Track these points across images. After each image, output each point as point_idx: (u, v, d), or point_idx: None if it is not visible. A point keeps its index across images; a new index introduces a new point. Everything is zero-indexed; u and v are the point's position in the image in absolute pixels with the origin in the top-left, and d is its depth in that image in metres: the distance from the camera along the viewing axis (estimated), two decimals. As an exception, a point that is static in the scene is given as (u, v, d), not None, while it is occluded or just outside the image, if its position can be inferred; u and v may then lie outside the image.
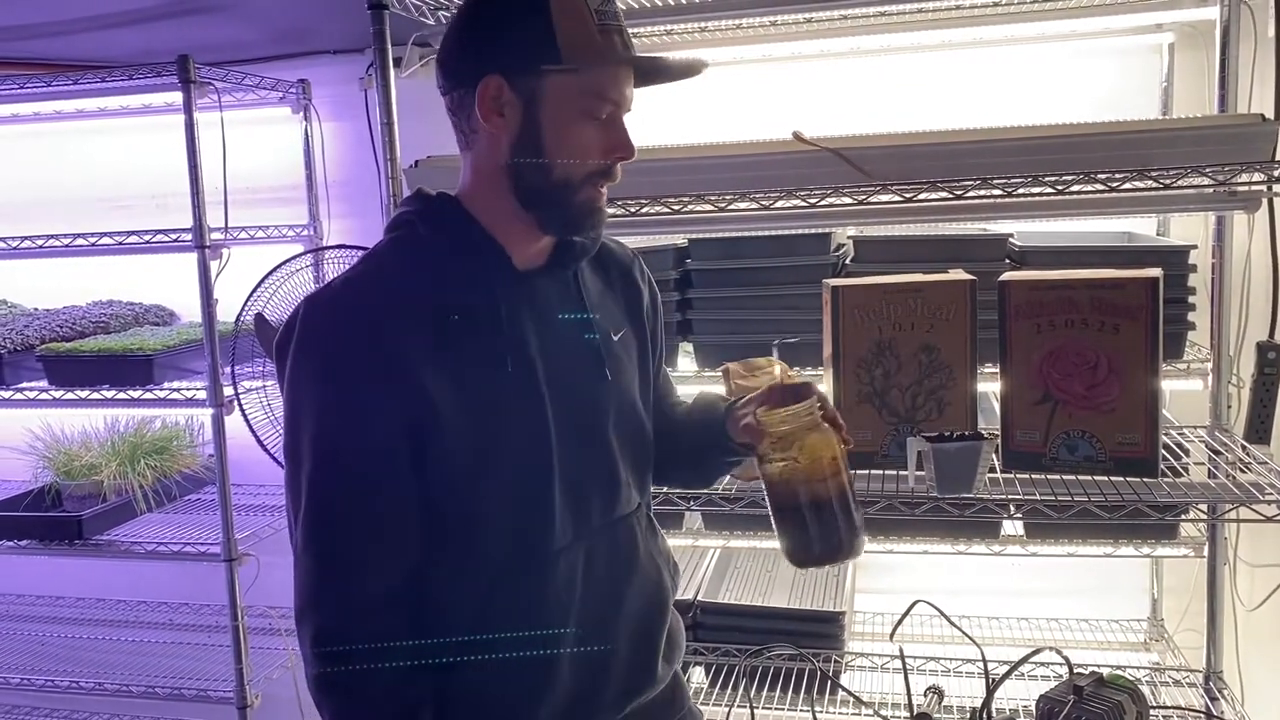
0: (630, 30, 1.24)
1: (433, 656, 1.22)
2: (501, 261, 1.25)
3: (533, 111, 1.20)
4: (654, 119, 2.36)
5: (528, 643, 1.23)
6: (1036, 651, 1.70)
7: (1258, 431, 1.88)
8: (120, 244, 2.38)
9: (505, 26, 1.20)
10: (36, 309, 2.78)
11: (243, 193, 2.56)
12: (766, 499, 1.28)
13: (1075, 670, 1.64)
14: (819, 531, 1.25)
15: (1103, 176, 1.64)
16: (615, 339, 1.35)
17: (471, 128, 1.24)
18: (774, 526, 1.29)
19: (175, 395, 2.39)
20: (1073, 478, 1.67)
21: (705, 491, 1.80)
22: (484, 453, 1.20)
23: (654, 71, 1.28)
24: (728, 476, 1.65)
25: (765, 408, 1.29)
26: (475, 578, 1.23)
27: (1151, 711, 1.68)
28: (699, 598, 2.25)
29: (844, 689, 2.05)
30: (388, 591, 1.19)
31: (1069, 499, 1.62)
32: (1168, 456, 1.76)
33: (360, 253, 2.37)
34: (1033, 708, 1.61)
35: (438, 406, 1.18)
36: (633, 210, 1.81)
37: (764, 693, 2.12)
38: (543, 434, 1.24)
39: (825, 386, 1.79)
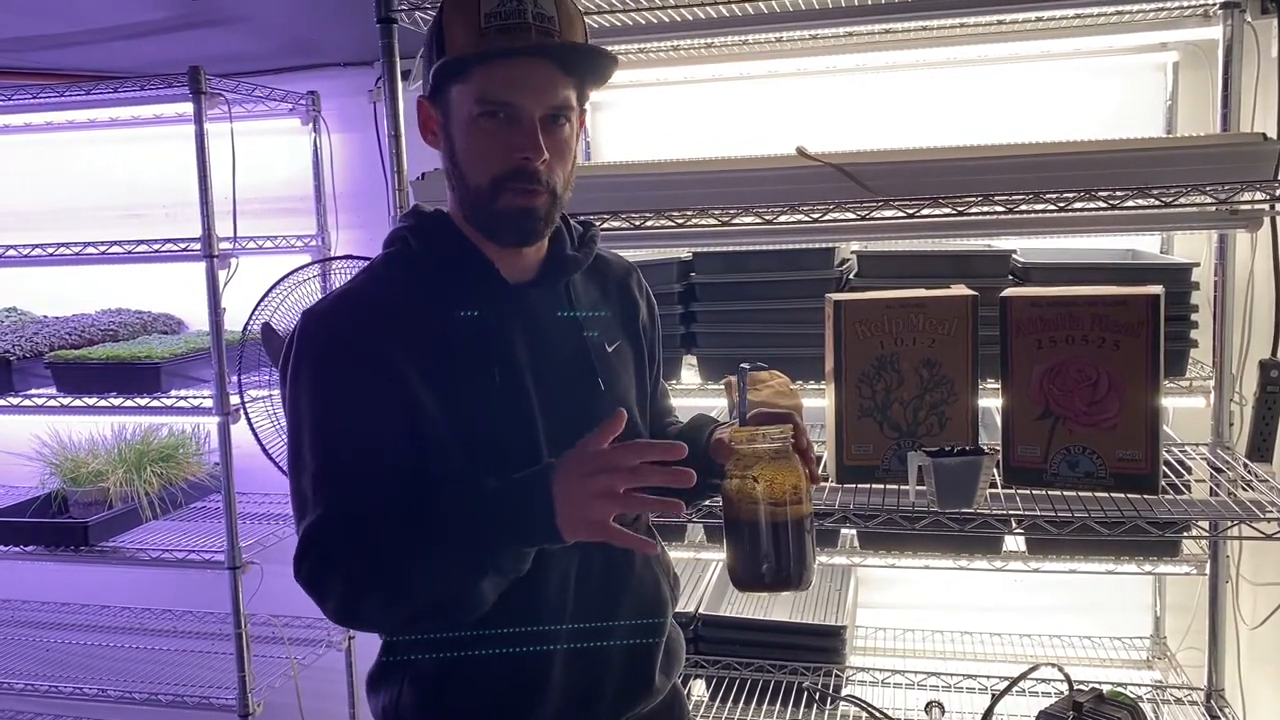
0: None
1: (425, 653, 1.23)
2: (489, 274, 1.27)
3: (447, 126, 1.25)
4: (659, 133, 2.41)
5: (519, 648, 1.24)
6: (1035, 667, 1.70)
7: (1260, 449, 1.88)
8: (129, 253, 2.40)
9: (426, 49, 1.26)
10: (46, 316, 2.80)
11: (251, 203, 2.57)
12: (723, 515, 1.25)
13: (1075, 687, 1.64)
14: (764, 558, 1.20)
15: (1104, 194, 1.64)
16: (609, 350, 1.35)
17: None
18: (725, 544, 1.26)
19: (182, 403, 2.41)
20: (1073, 494, 1.67)
21: (707, 505, 1.80)
22: (473, 461, 1.21)
23: (575, 63, 1.24)
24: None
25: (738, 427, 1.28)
26: None
27: (1152, 729, 1.68)
28: (700, 610, 2.25)
29: (850, 699, 2.05)
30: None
31: (1069, 515, 1.62)
32: (1169, 473, 1.77)
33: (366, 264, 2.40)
34: (1032, 724, 1.62)
35: (426, 416, 1.20)
36: (637, 223, 1.83)
37: (764, 706, 2.12)
38: (532, 443, 1.24)
39: (827, 400, 1.80)
